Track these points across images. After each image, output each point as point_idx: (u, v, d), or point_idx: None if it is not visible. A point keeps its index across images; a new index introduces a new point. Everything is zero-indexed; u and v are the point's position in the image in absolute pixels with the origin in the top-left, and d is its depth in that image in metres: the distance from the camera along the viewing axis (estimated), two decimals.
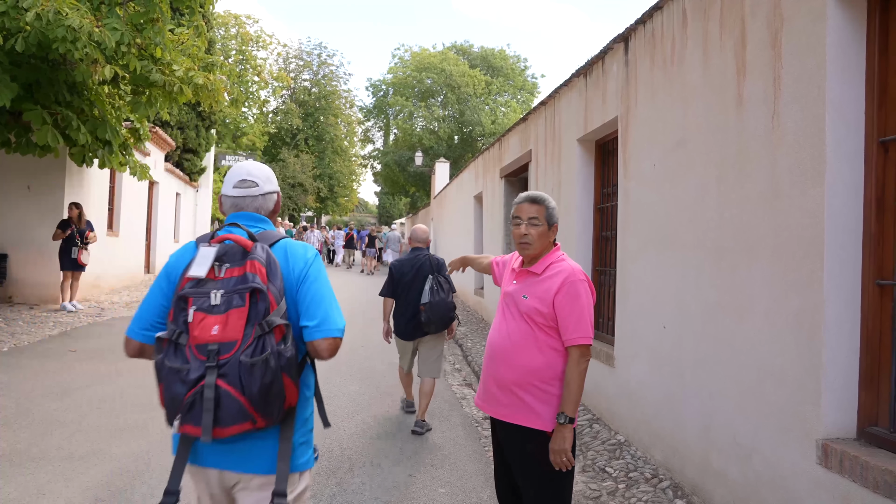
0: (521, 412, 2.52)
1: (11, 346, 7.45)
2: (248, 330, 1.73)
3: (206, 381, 1.69)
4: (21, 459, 4.07)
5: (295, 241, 2.01)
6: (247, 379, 1.70)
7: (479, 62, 41.69)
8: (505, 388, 2.57)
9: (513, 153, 9.28)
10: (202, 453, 1.87)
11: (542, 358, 2.51)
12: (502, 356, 2.58)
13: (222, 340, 1.72)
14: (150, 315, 1.94)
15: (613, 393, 5.10)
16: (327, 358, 1.91)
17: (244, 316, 1.73)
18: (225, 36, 32.69)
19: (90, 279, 11.45)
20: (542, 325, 2.51)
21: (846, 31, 2.72)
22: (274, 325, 1.74)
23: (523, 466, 2.55)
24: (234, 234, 1.89)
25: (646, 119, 4.67)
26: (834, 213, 2.73)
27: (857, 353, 2.72)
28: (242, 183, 2.03)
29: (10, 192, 10.45)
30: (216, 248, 1.84)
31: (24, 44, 6.78)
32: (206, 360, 1.70)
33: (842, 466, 2.56)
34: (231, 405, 1.69)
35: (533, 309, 2.52)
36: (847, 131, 2.72)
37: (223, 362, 1.70)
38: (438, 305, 4.97)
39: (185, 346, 1.74)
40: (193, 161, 20.64)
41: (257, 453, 1.86)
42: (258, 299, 1.76)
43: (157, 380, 1.79)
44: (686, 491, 3.83)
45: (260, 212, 2.04)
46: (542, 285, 2.54)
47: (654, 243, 4.47)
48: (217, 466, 1.88)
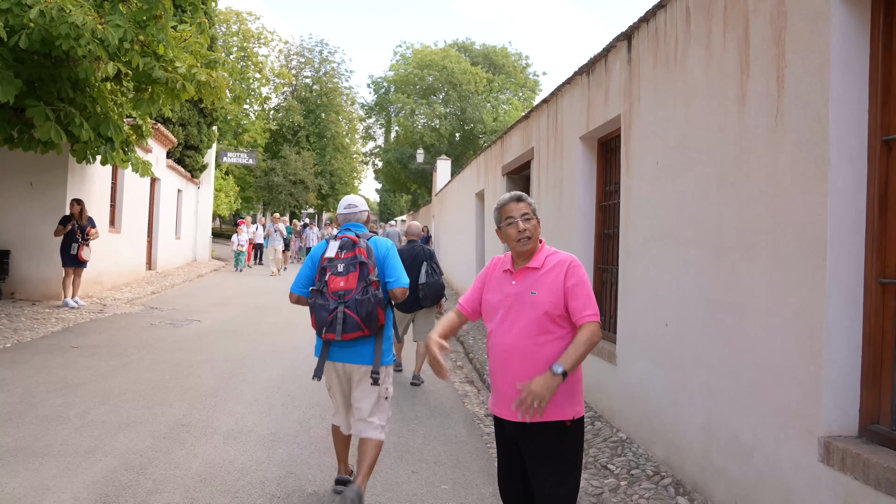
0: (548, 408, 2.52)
1: (14, 342, 7.47)
2: (359, 284, 3.39)
3: (338, 310, 3.35)
4: (25, 455, 4.09)
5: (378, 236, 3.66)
6: (359, 308, 3.35)
7: (480, 59, 41.65)
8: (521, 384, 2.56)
9: (515, 151, 9.29)
10: (334, 353, 3.52)
11: (554, 348, 2.54)
12: (522, 355, 2.56)
13: (345, 289, 3.38)
14: (304, 280, 3.60)
15: (615, 391, 5.12)
16: (400, 299, 3.59)
17: (356, 276, 3.40)
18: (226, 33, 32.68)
19: (92, 275, 11.47)
20: (554, 317, 2.55)
21: (850, 30, 2.72)
22: (371, 280, 3.41)
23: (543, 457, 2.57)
24: (348, 234, 3.57)
25: (648, 117, 4.68)
26: (837, 211, 2.73)
27: (859, 351, 2.73)
28: (349, 207, 3.75)
29: (12, 189, 10.47)
30: (340, 242, 3.52)
31: (28, 40, 6.79)
32: (337, 300, 3.37)
33: (843, 464, 2.58)
34: (351, 321, 3.35)
35: (545, 301, 2.55)
36: (850, 130, 2.73)
37: (347, 300, 3.37)
38: (433, 285, 6.29)
39: (326, 293, 3.40)
40: (195, 158, 20.66)
41: (364, 352, 3.49)
42: (363, 267, 3.42)
43: (311, 311, 3.44)
44: (687, 488, 3.85)
45: (359, 222, 3.73)
46: (547, 278, 2.58)
47: (656, 241, 4.48)
48: (342, 361, 3.52)
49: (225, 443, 4.51)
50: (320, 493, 3.77)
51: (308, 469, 4.13)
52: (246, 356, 7.38)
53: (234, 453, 4.32)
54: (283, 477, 3.98)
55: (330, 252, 3.49)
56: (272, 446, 4.50)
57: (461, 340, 9.20)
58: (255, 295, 13.89)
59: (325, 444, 4.59)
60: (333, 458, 4.27)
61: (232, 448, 4.42)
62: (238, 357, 7.30)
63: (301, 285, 3.60)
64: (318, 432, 4.85)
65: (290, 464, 4.20)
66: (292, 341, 8.49)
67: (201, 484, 3.80)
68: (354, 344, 3.46)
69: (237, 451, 4.36)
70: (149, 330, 8.85)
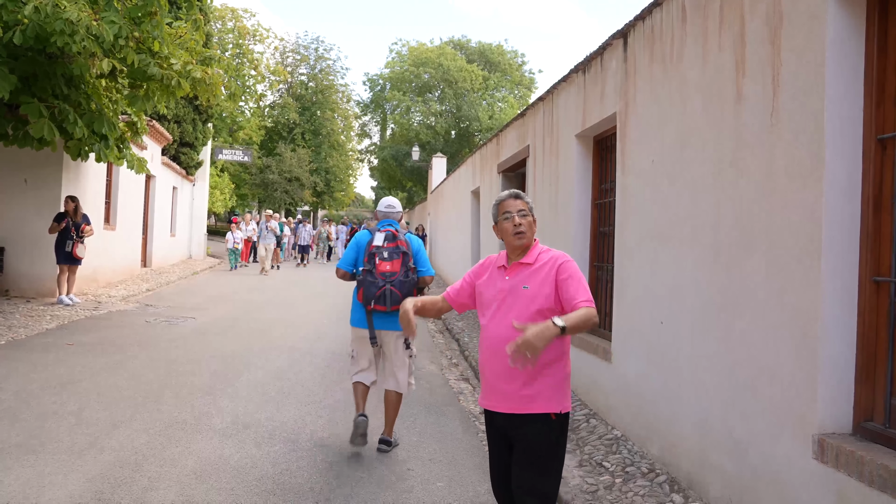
0: (529, 399, 2.59)
1: (9, 340, 7.44)
2: (402, 269, 4.34)
3: (385, 287, 4.28)
4: (21, 452, 4.08)
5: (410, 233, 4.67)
6: (402, 287, 4.31)
7: (476, 57, 41.64)
8: (511, 379, 2.60)
9: (511, 148, 9.29)
10: (376, 321, 4.41)
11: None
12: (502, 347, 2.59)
13: (391, 272, 4.31)
14: (350, 260, 4.54)
15: (610, 388, 5.13)
16: (429, 283, 4.56)
17: (400, 262, 4.34)
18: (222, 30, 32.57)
19: (87, 272, 11.43)
20: (545, 311, 2.59)
21: (846, 29, 2.73)
22: (410, 267, 4.39)
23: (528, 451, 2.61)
24: (390, 228, 4.49)
25: (644, 115, 4.69)
26: (832, 209, 2.75)
27: (854, 349, 2.74)
28: (389, 207, 4.66)
29: (6, 186, 10.43)
30: (385, 233, 4.46)
31: (22, 36, 6.76)
32: (384, 280, 4.30)
33: (837, 461, 2.59)
34: (395, 296, 4.27)
35: (537, 295, 2.62)
36: (845, 128, 2.74)
37: (393, 280, 4.30)
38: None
39: (374, 273, 4.31)
40: (190, 155, 20.60)
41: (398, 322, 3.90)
42: (405, 256, 4.37)
43: (359, 286, 4.34)
44: (682, 485, 3.87)
45: (395, 220, 4.61)
46: (539, 273, 2.66)
47: (652, 239, 4.49)
48: (381, 328, 4.43)
49: (220, 440, 4.51)
50: (316, 491, 3.77)
51: (304, 466, 4.13)
52: (241, 353, 7.37)
53: (230, 451, 4.32)
54: (279, 474, 3.98)
55: (377, 241, 4.42)
56: (268, 443, 4.50)
57: (457, 338, 9.21)
58: (250, 292, 13.86)
59: (321, 442, 4.59)
60: (329, 455, 4.33)
61: (227, 445, 4.41)
62: (233, 354, 7.30)
63: (347, 263, 4.57)
64: (313, 429, 4.85)
65: (286, 461, 4.20)
66: (287, 339, 8.48)
67: (197, 481, 3.80)
68: (393, 315, 4.33)
69: (233, 449, 4.35)
70: (144, 327, 8.83)
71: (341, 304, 12.65)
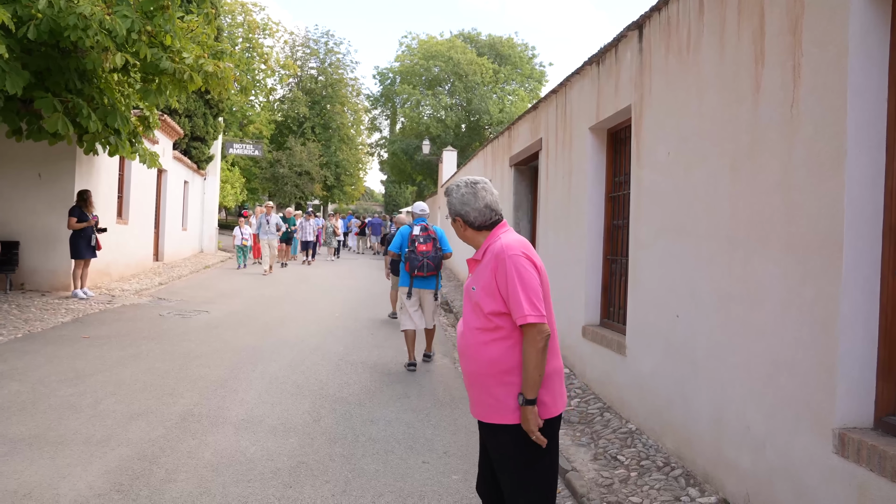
0: (490, 408, 2.44)
1: (25, 333, 7.52)
2: (433, 248, 6.70)
3: (423, 260, 6.64)
4: (40, 444, 4.12)
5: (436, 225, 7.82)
6: (434, 259, 6.70)
7: (486, 50, 41.47)
8: (473, 385, 2.50)
9: (523, 141, 9.26)
10: (416, 282, 6.78)
11: (498, 347, 2.42)
12: (464, 351, 2.52)
13: (426, 251, 6.66)
14: (397, 245, 6.98)
15: (625, 382, 5.12)
16: (448, 258, 7.02)
17: (432, 245, 6.70)
18: (231, 24, 32.59)
19: (100, 266, 11.52)
20: (492, 316, 2.42)
21: (869, 20, 2.69)
22: (437, 247, 6.75)
23: (499, 461, 2.48)
24: (423, 223, 6.82)
25: (660, 107, 4.65)
26: (853, 202, 2.72)
27: (875, 343, 2.72)
28: (422, 210, 7.00)
29: (21, 180, 10.50)
30: (419, 227, 6.76)
31: (36, 31, 6.79)
32: (422, 256, 6.64)
33: (859, 456, 2.57)
34: (430, 266, 6.68)
35: (482, 300, 2.44)
36: (868, 120, 2.71)
37: (428, 255, 6.66)
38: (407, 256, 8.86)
39: (416, 251, 6.65)
40: (201, 149, 20.67)
41: (431, 283, 6.82)
42: (434, 241, 6.74)
43: (406, 261, 6.71)
44: (698, 479, 3.85)
45: (426, 217, 6.95)
46: (483, 273, 2.47)
47: (667, 232, 4.47)
48: (419, 287, 6.82)
49: (236, 433, 4.54)
50: (332, 483, 3.79)
51: (319, 459, 4.15)
52: (254, 347, 7.40)
53: (246, 443, 4.35)
54: (295, 467, 4.00)
55: (415, 231, 6.74)
56: (283, 436, 4.52)
57: None
58: (262, 286, 13.92)
59: (336, 435, 4.61)
60: (345, 448, 4.36)
61: (243, 438, 4.44)
62: (246, 348, 7.33)
63: (396, 247, 7.03)
64: (328, 423, 4.87)
65: (302, 454, 4.22)
66: (300, 333, 8.52)
67: (214, 473, 3.82)
68: (428, 278, 6.79)
69: (248, 441, 4.38)
70: (157, 321, 8.88)
71: (353, 298, 12.67)
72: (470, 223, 2.57)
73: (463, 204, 2.57)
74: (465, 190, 2.58)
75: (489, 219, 2.57)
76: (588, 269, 6.16)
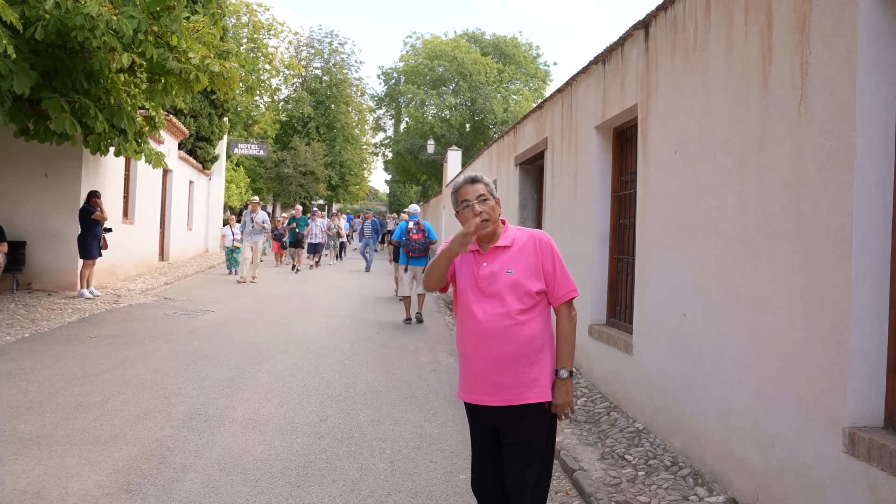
0: (525, 389, 2.50)
1: (32, 332, 7.55)
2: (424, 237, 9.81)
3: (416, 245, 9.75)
4: (48, 443, 4.13)
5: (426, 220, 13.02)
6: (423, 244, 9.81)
7: (490, 50, 41.43)
8: (509, 367, 2.51)
9: (528, 140, 9.25)
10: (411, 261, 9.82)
11: (535, 326, 2.55)
12: (503, 335, 2.51)
13: (417, 239, 9.77)
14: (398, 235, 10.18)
15: (631, 381, 5.11)
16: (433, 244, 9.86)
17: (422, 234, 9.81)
18: (236, 24, 32.65)
19: (106, 266, 11.56)
20: (533, 294, 2.55)
21: (878, 16, 2.68)
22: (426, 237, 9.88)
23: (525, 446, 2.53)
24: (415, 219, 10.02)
25: (667, 105, 4.64)
26: (863, 200, 2.70)
27: (885, 342, 2.70)
28: (414, 211, 10.26)
29: (27, 181, 10.54)
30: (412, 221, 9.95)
31: (44, 32, 6.82)
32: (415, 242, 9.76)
33: (870, 454, 2.56)
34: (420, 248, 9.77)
35: (523, 280, 2.54)
36: (878, 118, 2.69)
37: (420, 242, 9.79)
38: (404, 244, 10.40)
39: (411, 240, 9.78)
40: (206, 149, 20.71)
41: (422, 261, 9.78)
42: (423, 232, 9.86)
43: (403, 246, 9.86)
44: (706, 479, 3.84)
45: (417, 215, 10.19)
46: (521, 256, 2.57)
47: (675, 230, 4.46)
48: (413, 265, 9.83)
49: (243, 432, 4.54)
50: (340, 483, 3.79)
51: (327, 458, 4.15)
52: (260, 346, 7.42)
53: (253, 442, 4.35)
54: (303, 466, 4.00)
55: (410, 225, 9.65)
56: (290, 436, 4.53)
57: None
58: (268, 285, 13.94)
59: (343, 434, 4.62)
60: (352, 447, 4.36)
61: (250, 437, 4.45)
62: (252, 347, 7.34)
63: (397, 236, 9.96)
64: (335, 422, 4.88)
65: (309, 453, 4.22)
66: (306, 332, 8.53)
67: (221, 472, 3.83)
68: (419, 258, 9.62)
69: (256, 441, 4.39)
70: (164, 320, 8.91)
71: (357, 296, 12.66)
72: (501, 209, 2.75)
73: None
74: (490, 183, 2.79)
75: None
76: (594, 267, 6.15)
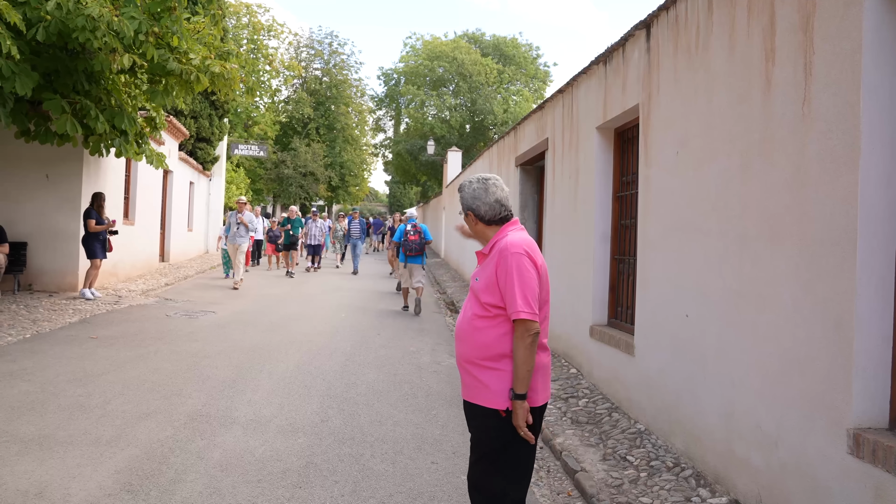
0: (477, 390, 2.56)
1: (34, 333, 7.54)
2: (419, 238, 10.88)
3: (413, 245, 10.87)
4: (50, 444, 4.13)
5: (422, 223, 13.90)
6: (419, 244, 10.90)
7: (491, 51, 41.46)
8: (464, 368, 2.63)
9: (529, 141, 9.25)
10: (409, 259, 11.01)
11: (491, 334, 2.52)
12: (460, 335, 2.65)
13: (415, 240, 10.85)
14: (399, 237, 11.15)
15: (633, 382, 5.10)
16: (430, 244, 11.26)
17: (419, 235, 10.88)
18: (236, 25, 32.67)
19: (107, 267, 11.54)
20: (489, 306, 2.53)
21: (883, 15, 2.67)
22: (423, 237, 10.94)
23: (474, 441, 2.62)
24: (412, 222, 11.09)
25: (668, 106, 4.63)
26: (867, 199, 2.70)
27: (890, 342, 2.70)
28: (411, 215, 11.48)
29: (28, 182, 10.54)
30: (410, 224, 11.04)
31: (45, 33, 6.82)
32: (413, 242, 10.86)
33: (874, 456, 2.55)
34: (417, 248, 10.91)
35: (481, 290, 2.57)
36: (882, 118, 2.69)
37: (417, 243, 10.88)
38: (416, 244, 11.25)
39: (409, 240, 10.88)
40: (206, 150, 20.71)
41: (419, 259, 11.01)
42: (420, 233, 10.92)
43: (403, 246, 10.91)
44: (708, 480, 3.83)
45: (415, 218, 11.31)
46: (488, 266, 2.59)
47: (676, 231, 4.45)
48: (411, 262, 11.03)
49: (244, 433, 4.54)
50: (341, 484, 3.78)
51: (328, 459, 4.14)
52: (261, 347, 7.41)
53: (255, 443, 4.34)
54: (304, 467, 3.99)
55: (408, 228, 10.78)
56: (291, 436, 4.52)
57: None
58: (268, 286, 13.93)
59: (344, 435, 4.61)
60: (353, 448, 4.36)
61: (252, 438, 4.44)
62: (253, 348, 7.34)
63: (398, 238, 11.00)
64: (336, 423, 4.87)
65: (310, 454, 4.21)
66: (307, 333, 8.52)
67: (223, 473, 3.82)
68: (416, 257, 10.85)
69: (257, 442, 4.38)
70: (164, 321, 8.90)
71: (358, 297, 12.66)
72: (480, 217, 2.69)
73: (474, 199, 2.69)
74: (476, 185, 2.71)
75: (498, 213, 2.68)
76: (595, 268, 6.15)
